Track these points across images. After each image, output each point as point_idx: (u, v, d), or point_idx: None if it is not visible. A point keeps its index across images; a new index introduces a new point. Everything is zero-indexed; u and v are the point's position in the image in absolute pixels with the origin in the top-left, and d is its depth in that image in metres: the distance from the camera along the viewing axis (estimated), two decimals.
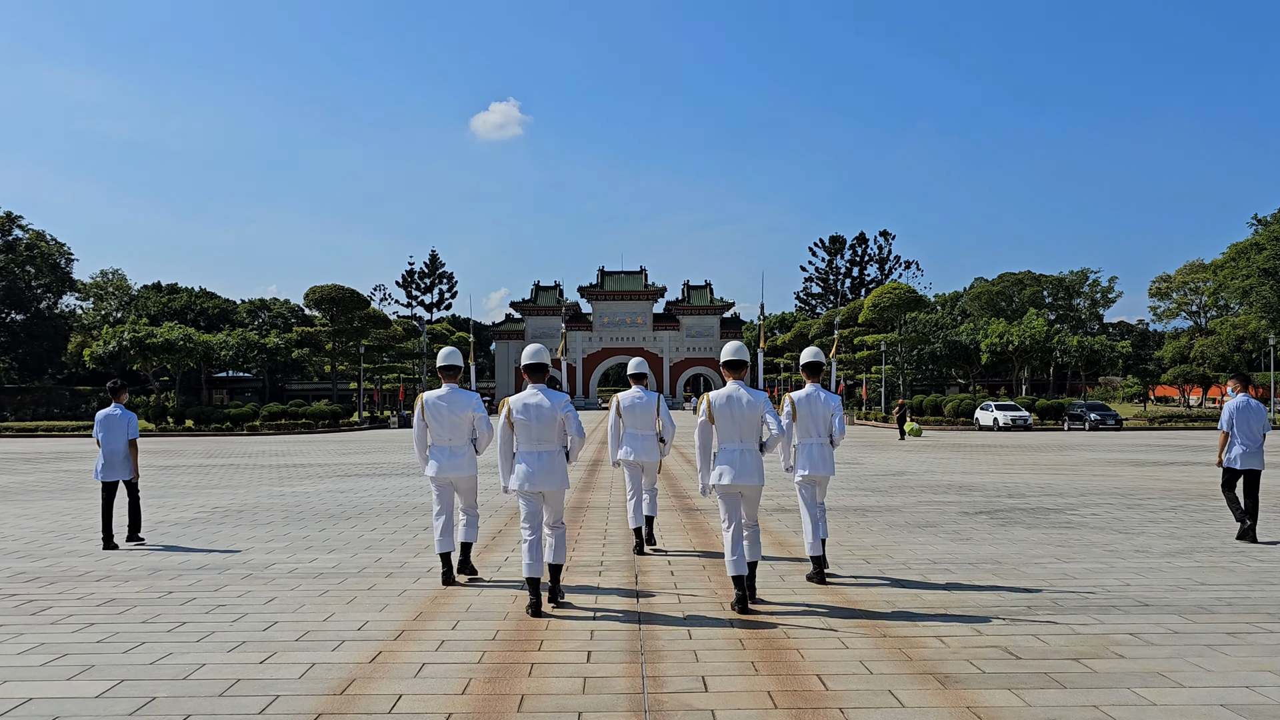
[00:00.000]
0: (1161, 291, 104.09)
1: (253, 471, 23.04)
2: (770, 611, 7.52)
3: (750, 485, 7.52)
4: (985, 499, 15.69)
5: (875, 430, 52.51)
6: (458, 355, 8.77)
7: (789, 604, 7.80)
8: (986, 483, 18.76)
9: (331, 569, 9.43)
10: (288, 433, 54.04)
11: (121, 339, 58.05)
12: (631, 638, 6.77)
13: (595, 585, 8.65)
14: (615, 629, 7.02)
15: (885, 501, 15.31)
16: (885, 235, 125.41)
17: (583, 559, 10.06)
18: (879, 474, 21.11)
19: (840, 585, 8.49)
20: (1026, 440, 39.33)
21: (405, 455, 29.11)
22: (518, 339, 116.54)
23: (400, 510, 14.40)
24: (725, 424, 7.56)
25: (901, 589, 8.34)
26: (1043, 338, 64.49)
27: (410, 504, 15.26)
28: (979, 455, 28.28)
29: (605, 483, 19.00)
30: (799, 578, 8.87)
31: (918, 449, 32.05)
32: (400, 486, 18.41)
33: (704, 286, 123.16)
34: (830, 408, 8.74)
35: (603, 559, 10.09)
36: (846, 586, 8.44)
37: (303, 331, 67.88)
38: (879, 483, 18.82)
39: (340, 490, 17.81)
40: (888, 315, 70.30)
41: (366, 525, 12.71)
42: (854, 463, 24.96)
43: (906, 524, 12.52)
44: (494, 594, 8.24)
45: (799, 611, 7.53)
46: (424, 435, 8.64)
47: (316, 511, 14.37)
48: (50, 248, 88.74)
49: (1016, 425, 51.28)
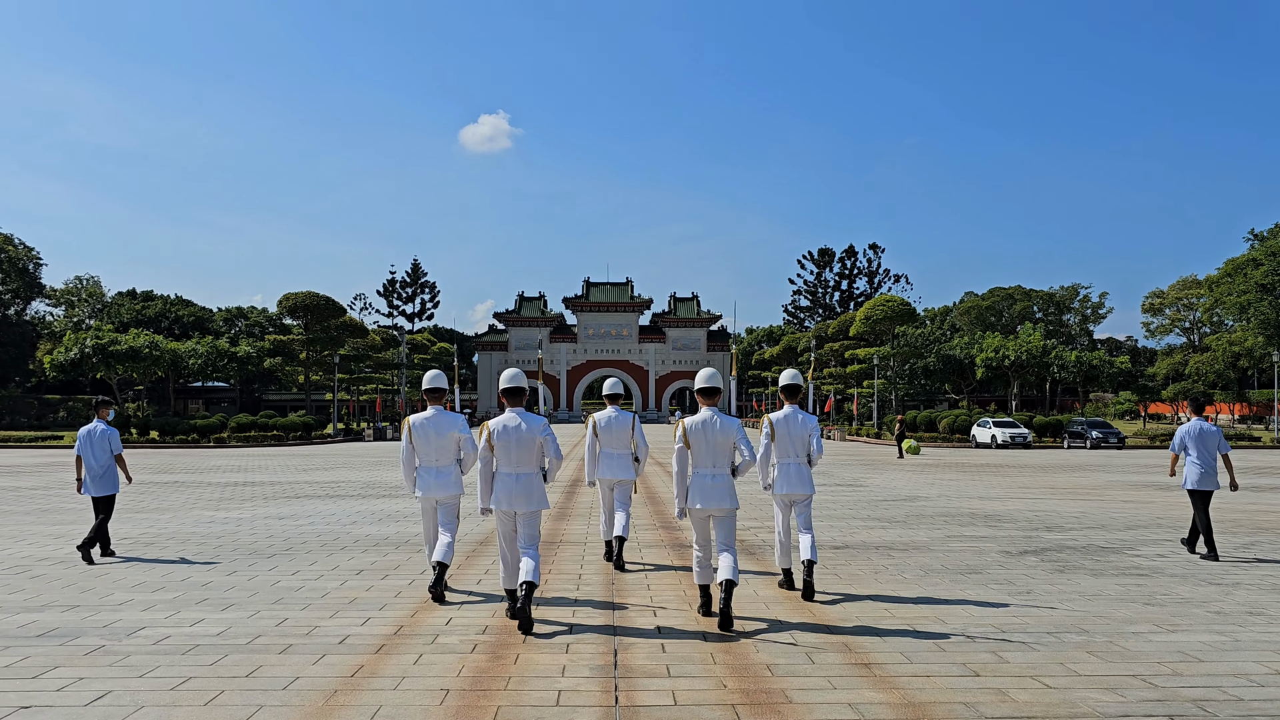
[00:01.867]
0: (1154, 307, 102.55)
1: (194, 491, 20.71)
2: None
3: (721, 509, 7.74)
4: (1022, 533, 13.55)
5: (869, 447, 50.42)
6: (443, 378, 8.97)
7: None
8: (1012, 511, 16.65)
9: (214, 637, 7.17)
10: (257, 445, 51.53)
11: (84, 346, 55.41)
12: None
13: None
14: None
15: (908, 536, 13.16)
16: (874, 248, 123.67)
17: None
18: (888, 499, 18.97)
19: (885, 667, 6.33)
20: (1029, 459, 37.29)
21: (369, 472, 26.78)
22: (501, 350, 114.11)
23: (337, 545, 12.12)
24: (699, 448, 7.76)
25: (972, 684, 6.16)
26: (1039, 352, 62.65)
27: (352, 536, 13.00)
28: (987, 477, 26.20)
29: (585, 505, 16.80)
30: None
31: (920, 469, 29.95)
32: (350, 512, 16.14)
33: (691, 299, 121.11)
34: (808, 429, 8.87)
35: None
36: (899, 669, 6.27)
37: (275, 340, 65.28)
38: (892, 510, 16.68)
39: (280, 517, 15.53)
40: (880, 328, 68.44)
41: (289, 567, 10.45)
42: (855, 484, 22.82)
43: (944, 569, 10.36)
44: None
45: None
46: (411, 456, 8.79)
47: (239, 546, 12.09)
48: (18, 252, 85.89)
49: (1016, 443, 49.32)
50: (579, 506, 17.17)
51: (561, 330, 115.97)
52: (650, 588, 9.25)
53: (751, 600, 8.59)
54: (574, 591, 9.00)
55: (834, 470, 28.51)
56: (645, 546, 12.08)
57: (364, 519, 15.09)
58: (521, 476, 7.63)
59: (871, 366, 67.44)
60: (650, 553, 11.59)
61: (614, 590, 9.11)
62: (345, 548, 11.91)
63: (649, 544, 12.33)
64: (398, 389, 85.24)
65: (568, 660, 6.54)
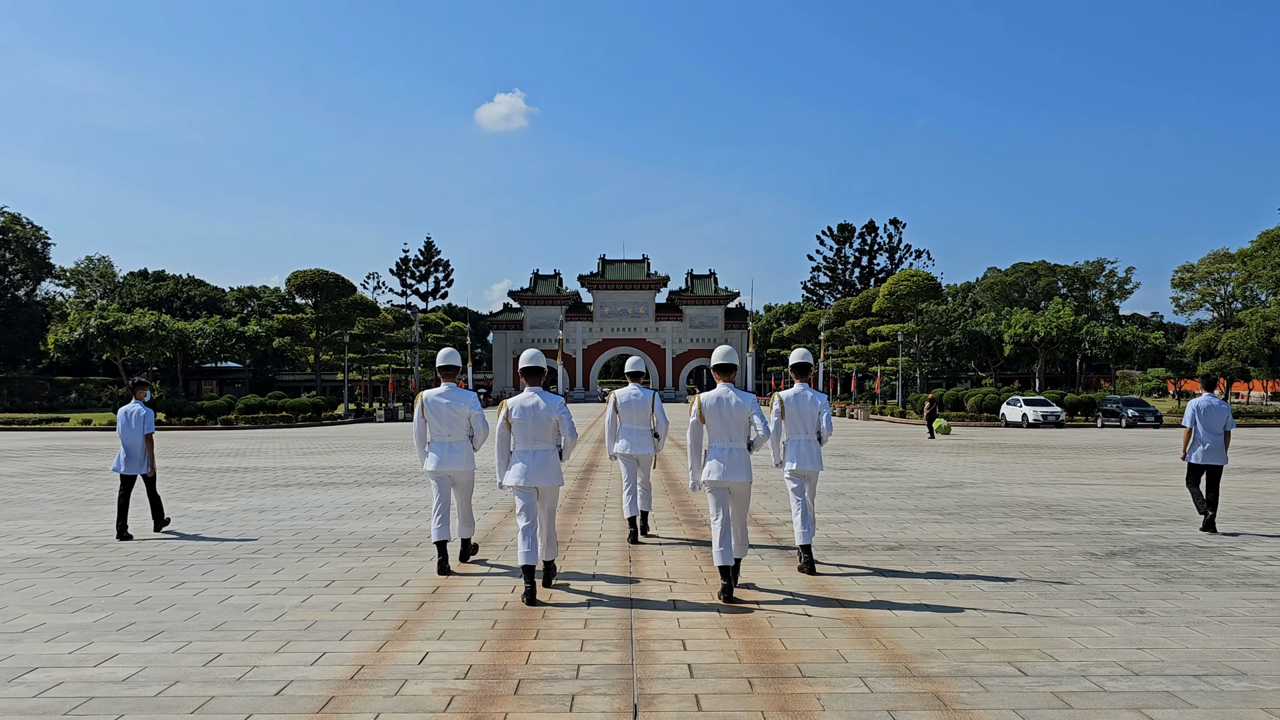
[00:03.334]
0: (1184, 282, 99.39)
1: (181, 478, 19.23)
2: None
3: (738, 481, 7.81)
4: (1098, 529, 11.84)
5: (895, 427, 48.58)
6: (456, 356, 9.06)
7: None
8: (1073, 500, 14.93)
9: (118, 685, 5.56)
10: (265, 426, 50.17)
11: (88, 326, 54.14)
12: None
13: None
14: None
15: (969, 533, 11.47)
16: (895, 224, 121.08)
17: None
18: (931, 485, 17.27)
19: None
20: (1066, 439, 35.41)
21: (371, 456, 25.27)
22: (516, 329, 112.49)
23: (313, 547, 10.54)
24: (715, 424, 7.88)
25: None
26: (1069, 328, 60.50)
27: (333, 535, 11.41)
28: (1030, 459, 24.43)
29: (601, 485, 15.20)
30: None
31: (955, 450, 28.18)
32: (338, 504, 14.59)
33: (708, 276, 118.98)
34: (818, 406, 8.95)
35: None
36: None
37: (284, 319, 63.81)
38: (940, 499, 14.98)
39: (260, 509, 13.99)
40: (904, 304, 66.30)
41: (249, 576, 8.87)
42: (892, 468, 21.11)
43: (1025, 579, 8.67)
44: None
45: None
46: (424, 431, 9.03)
47: (199, 549, 10.52)
48: (26, 231, 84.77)
49: (1048, 422, 47.37)
50: (592, 497, 15.55)
51: (577, 309, 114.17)
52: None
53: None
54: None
55: (865, 452, 26.80)
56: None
57: (352, 512, 13.52)
58: (538, 454, 7.84)
59: (895, 343, 65.43)
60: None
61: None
62: (322, 549, 10.32)
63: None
64: (410, 368, 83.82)
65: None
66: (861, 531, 11.53)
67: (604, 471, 19.86)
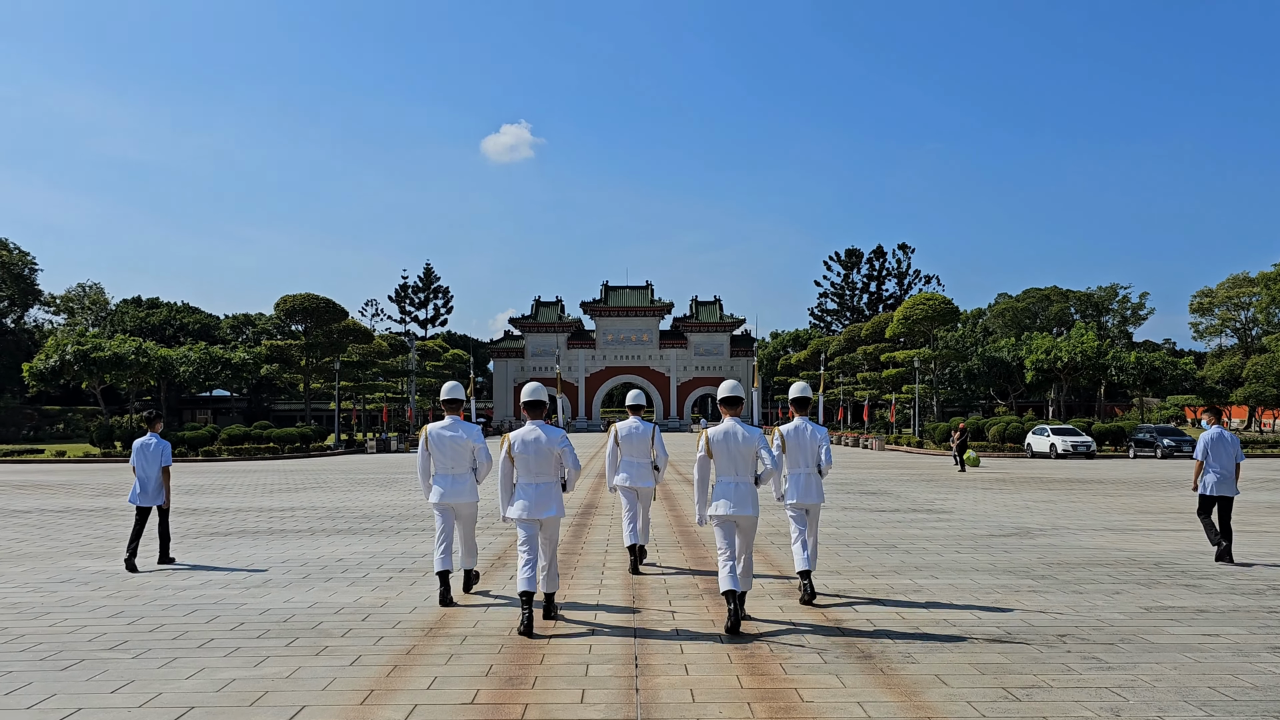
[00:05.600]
0: (1204, 306, 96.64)
1: (109, 524, 16.45)
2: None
3: (745, 516, 7.78)
4: (1249, 600, 9.03)
5: (913, 457, 45.63)
6: (460, 389, 9.11)
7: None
8: (1178, 554, 12.12)
9: None
10: (250, 458, 47.33)
11: (64, 353, 51.48)
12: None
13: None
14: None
15: (1087, 610, 8.63)
16: (904, 249, 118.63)
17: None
18: (992, 532, 14.46)
19: None
20: (1104, 472, 32.49)
21: (345, 494, 22.40)
22: (517, 356, 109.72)
23: (200, 637, 7.70)
24: (722, 458, 7.86)
25: None
26: (1094, 353, 57.68)
27: (240, 615, 8.59)
28: (1081, 495, 21.57)
29: (600, 533, 12.42)
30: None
31: (992, 484, 25.30)
32: (272, 560, 11.79)
33: (713, 302, 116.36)
34: (818, 440, 8.89)
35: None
36: None
37: (272, 345, 61.13)
38: (1016, 554, 12.16)
39: (167, 571, 11.21)
40: (918, 329, 63.58)
41: (70, 697, 6.06)
42: (937, 510, 18.27)
43: (1231, 702, 5.87)
44: None
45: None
46: (427, 464, 8.96)
47: (41, 639, 7.74)
48: (12, 257, 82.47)
49: (1078, 452, 44.46)
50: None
51: (579, 336, 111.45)
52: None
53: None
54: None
55: (896, 488, 23.94)
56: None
57: (283, 576, 10.73)
58: (540, 486, 7.90)
59: (911, 370, 62.62)
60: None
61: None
62: (210, 641, 7.51)
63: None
64: (406, 397, 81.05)
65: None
66: (942, 605, 8.73)
67: (604, 515, 17.09)
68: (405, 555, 12.18)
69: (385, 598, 9.22)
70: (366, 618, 8.32)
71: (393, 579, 10.35)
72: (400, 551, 12.53)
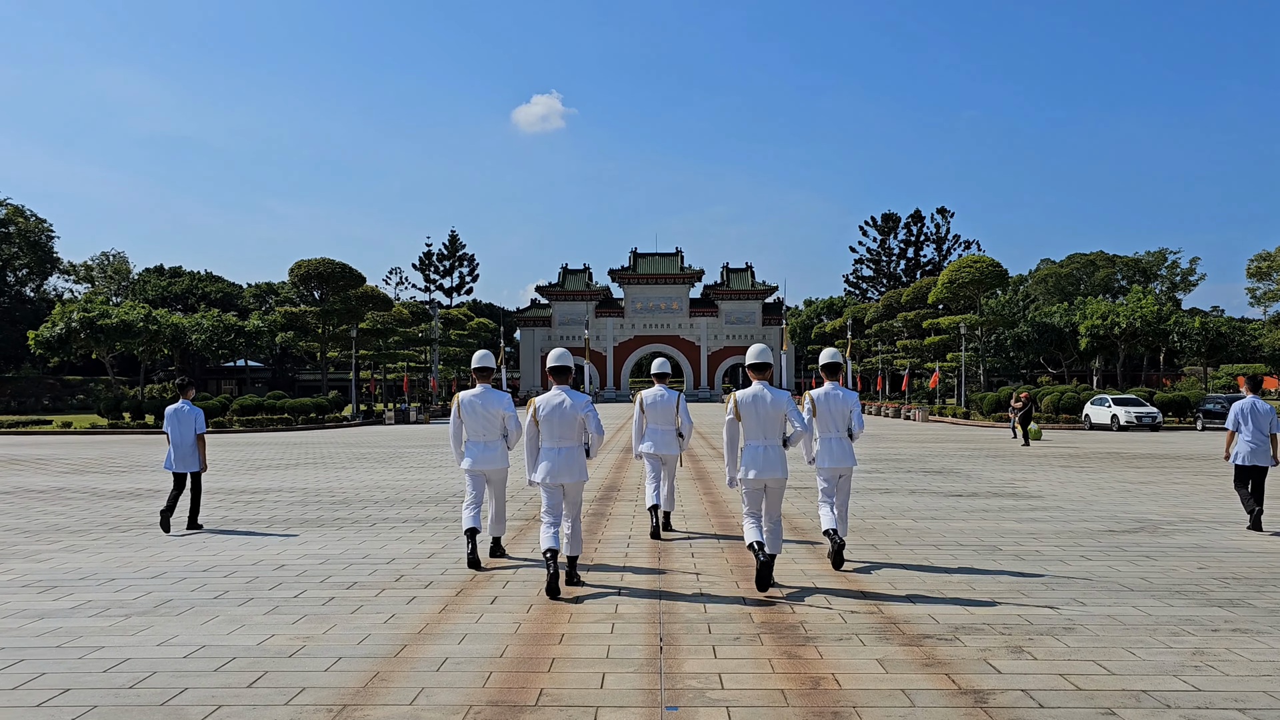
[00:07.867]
0: (1262, 271, 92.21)
1: (84, 509, 14.03)
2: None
3: (774, 478, 7.89)
4: None
5: (962, 429, 42.51)
6: (490, 358, 9.23)
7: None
8: None
9: None
10: (263, 429, 45.19)
11: (70, 320, 49.48)
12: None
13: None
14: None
15: None
16: (943, 212, 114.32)
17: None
18: (1111, 526, 11.63)
19: None
20: (1179, 445, 29.22)
21: (338, 472, 19.83)
22: (544, 325, 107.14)
23: None
24: (750, 421, 7.94)
25: None
26: (1154, 318, 54.11)
27: (104, 659, 6.01)
28: (1175, 474, 18.60)
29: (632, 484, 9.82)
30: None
31: (1067, 460, 22.29)
32: (204, 566, 9.22)
33: (744, 269, 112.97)
34: (848, 404, 8.91)
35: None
36: None
37: (287, 312, 58.90)
38: (1163, 560, 9.33)
39: (82, 575, 8.66)
40: (964, 294, 60.11)
41: None
42: (1020, 494, 15.40)
43: None
44: None
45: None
46: (459, 431, 9.16)
47: None
48: (30, 224, 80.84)
49: (1143, 424, 41.24)
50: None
51: (608, 304, 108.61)
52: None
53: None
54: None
55: (962, 465, 21.02)
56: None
57: (200, 596, 8.12)
58: (564, 450, 7.98)
59: (956, 336, 59.29)
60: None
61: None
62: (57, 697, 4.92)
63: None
64: (429, 367, 78.81)
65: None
66: (1127, 671, 5.95)
67: (626, 502, 14.42)
68: (367, 561, 9.54)
69: (300, 638, 6.57)
70: (253, 683, 5.66)
71: (333, 600, 7.72)
72: (363, 555, 9.90)
